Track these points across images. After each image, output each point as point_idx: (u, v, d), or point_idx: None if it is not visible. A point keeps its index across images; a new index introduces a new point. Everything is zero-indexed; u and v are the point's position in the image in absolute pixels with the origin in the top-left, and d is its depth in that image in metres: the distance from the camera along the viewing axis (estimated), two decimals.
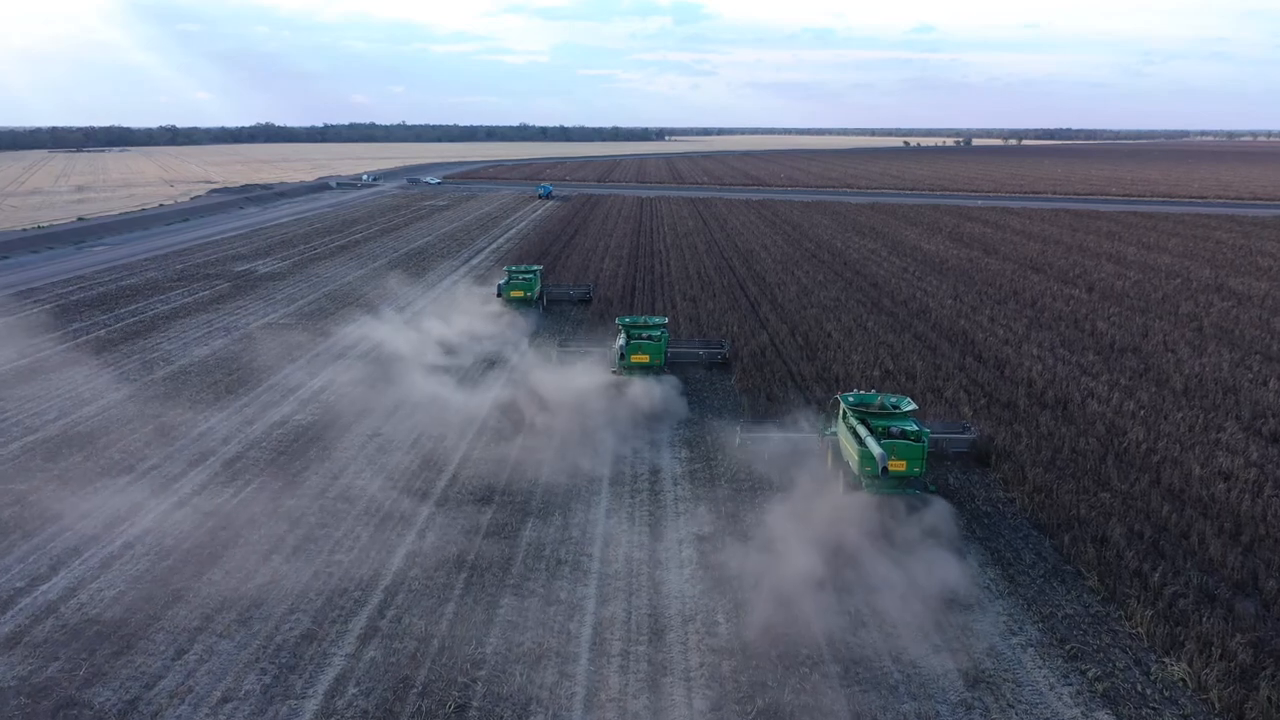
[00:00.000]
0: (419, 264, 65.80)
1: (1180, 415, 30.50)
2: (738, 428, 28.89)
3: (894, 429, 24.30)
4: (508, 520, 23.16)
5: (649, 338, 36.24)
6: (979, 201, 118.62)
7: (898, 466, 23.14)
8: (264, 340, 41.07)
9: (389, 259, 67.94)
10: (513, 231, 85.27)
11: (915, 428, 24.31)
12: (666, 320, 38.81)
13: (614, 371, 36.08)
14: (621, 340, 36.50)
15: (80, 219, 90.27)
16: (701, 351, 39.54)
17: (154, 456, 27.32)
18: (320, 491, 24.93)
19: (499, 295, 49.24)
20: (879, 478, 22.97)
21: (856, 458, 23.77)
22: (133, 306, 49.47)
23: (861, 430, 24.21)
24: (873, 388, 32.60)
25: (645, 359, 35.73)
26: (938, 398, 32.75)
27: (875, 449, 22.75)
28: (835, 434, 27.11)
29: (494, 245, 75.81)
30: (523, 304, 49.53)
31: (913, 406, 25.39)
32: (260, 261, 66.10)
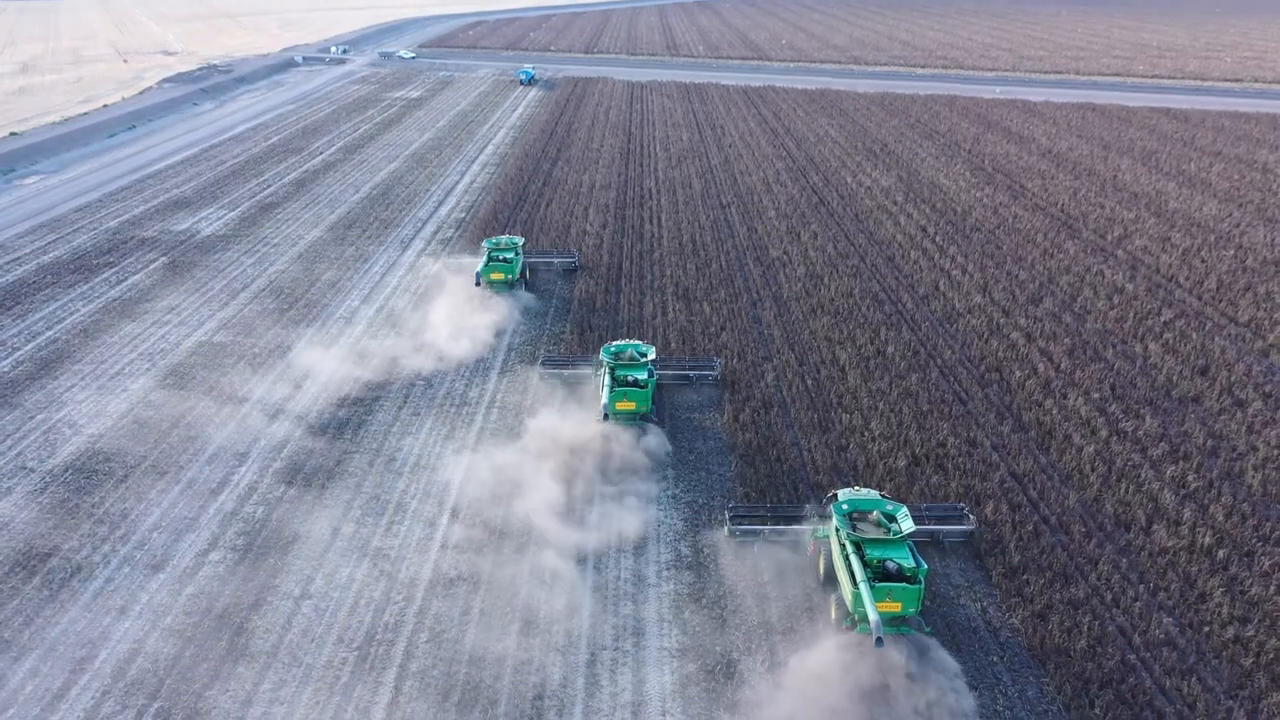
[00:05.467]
0: (383, 212, 59.00)
1: None
2: (726, 513, 26.86)
3: (890, 564, 21.86)
4: None
5: (634, 382, 32.05)
6: (998, 90, 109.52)
7: (891, 608, 21.34)
8: (173, 399, 35.30)
9: (349, 205, 60.99)
10: (489, 149, 77.51)
11: (912, 562, 21.85)
12: (653, 358, 33.78)
13: (601, 420, 31.45)
14: (606, 388, 31.68)
15: (13, 134, 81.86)
16: (691, 373, 36.41)
17: None
18: None
19: (478, 284, 43.61)
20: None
21: (849, 596, 21.81)
22: (50, 309, 43.35)
23: (856, 566, 21.81)
24: (887, 486, 28.06)
25: (631, 406, 31.81)
26: (976, 508, 27.63)
27: (872, 615, 20.46)
28: (827, 538, 24.67)
29: (469, 175, 68.52)
30: (502, 286, 44.25)
31: (910, 528, 22.83)
32: (205, 211, 59.17)
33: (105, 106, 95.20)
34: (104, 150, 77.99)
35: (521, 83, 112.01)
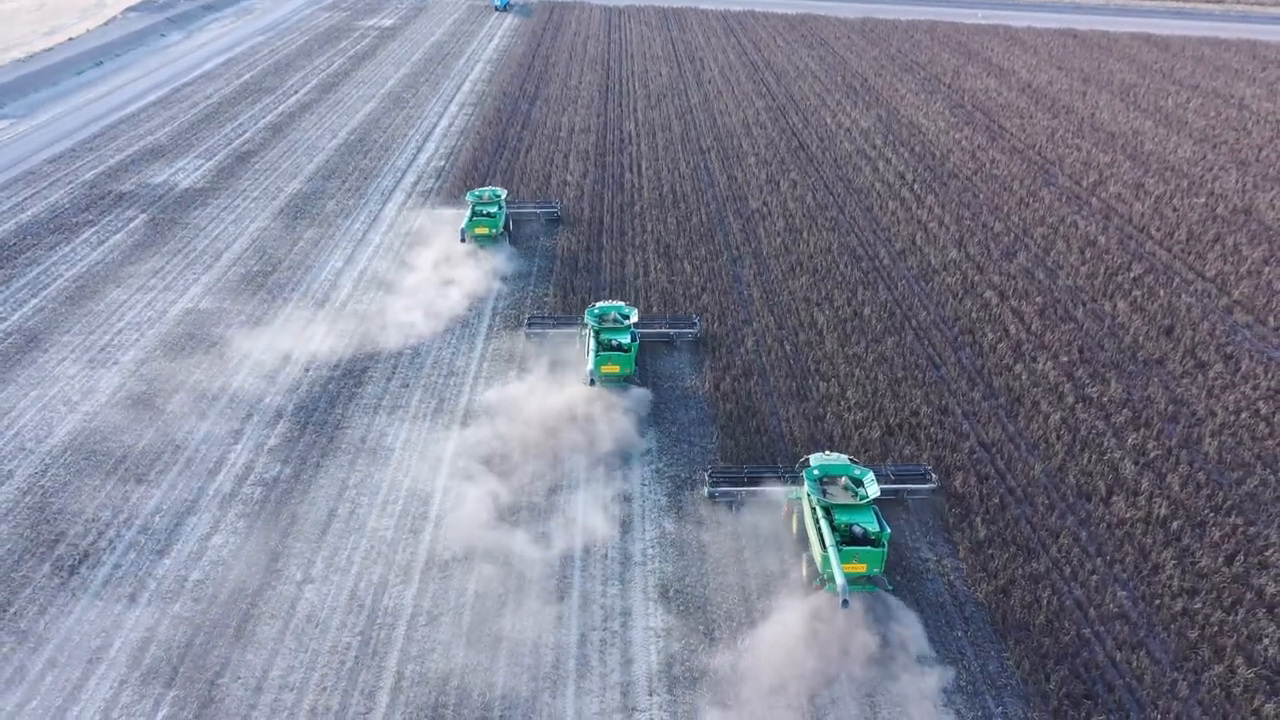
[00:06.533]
0: (361, 161, 58.70)
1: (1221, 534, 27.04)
2: (706, 474, 28.88)
3: (856, 528, 23.85)
4: None
5: (618, 345, 33.45)
6: (980, 14, 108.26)
7: (856, 569, 23.43)
8: (164, 372, 36.00)
9: (327, 153, 60.57)
10: (466, 87, 76.53)
11: (876, 527, 23.89)
12: (635, 319, 35.07)
13: (589, 383, 32.70)
14: (592, 352, 33.04)
15: None
16: (672, 332, 37.65)
17: None
18: None
19: (463, 240, 44.29)
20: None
21: (819, 557, 23.75)
22: (33, 274, 43.44)
23: (826, 530, 23.70)
24: (862, 457, 29.41)
25: (616, 369, 33.21)
26: (946, 479, 28.99)
27: (839, 578, 22.43)
28: (800, 500, 26.46)
29: (447, 117, 67.89)
30: (487, 240, 45.07)
31: (876, 493, 24.72)
32: (181, 161, 58.66)
33: (71, 40, 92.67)
34: (73, 90, 76.43)
35: (496, 8, 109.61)
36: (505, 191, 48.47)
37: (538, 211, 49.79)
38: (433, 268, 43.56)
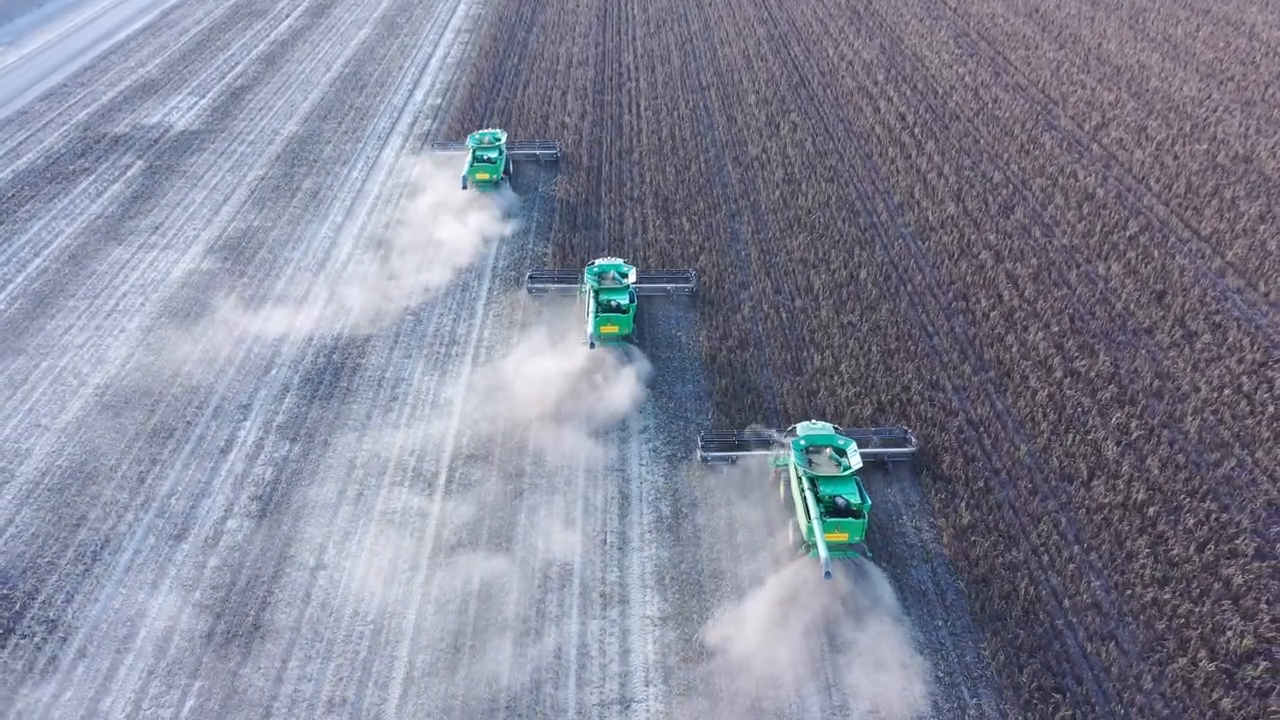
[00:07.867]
0: (356, 98, 58.06)
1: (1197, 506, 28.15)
2: (699, 439, 30.41)
3: (840, 500, 25.44)
4: None
5: (617, 306, 34.51)
6: None
7: (838, 538, 25.02)
8: (170, 342, 36.59)
9: (322, 88, 59.83)
10: (462, 10, 74.90)
11: (858, 498, 25.56)
12: (633, 280, 36.02)
13: (590, 345, 33.46)
14: (591, 314, 34.03)
15: None
16: (669, 287, 38.84)
17: None
18: None
19: (464, 187, 44.47)
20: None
21: (804, 526, 25.44)
22: (34, 229, 43.64)
23: (810, 502, 25.16)
24: (848, 423, 30.48)
25: (615, 330, 34.42)
26: (933, 461, 30.03)
27: (823, 551, 23.90)
28: (786, 467, 28.00)
29: (443, 46, 66.69)
30: (488, 185, 45.52)
31: (858, 464, 26.32)
32: (174, 99, 58.01)
33: None
34: (59, 13, 74.88)
35: None
36: (505, 134, 48.40)
37: (538, 154, 49.90)
38: (433, 220, 43.78)
